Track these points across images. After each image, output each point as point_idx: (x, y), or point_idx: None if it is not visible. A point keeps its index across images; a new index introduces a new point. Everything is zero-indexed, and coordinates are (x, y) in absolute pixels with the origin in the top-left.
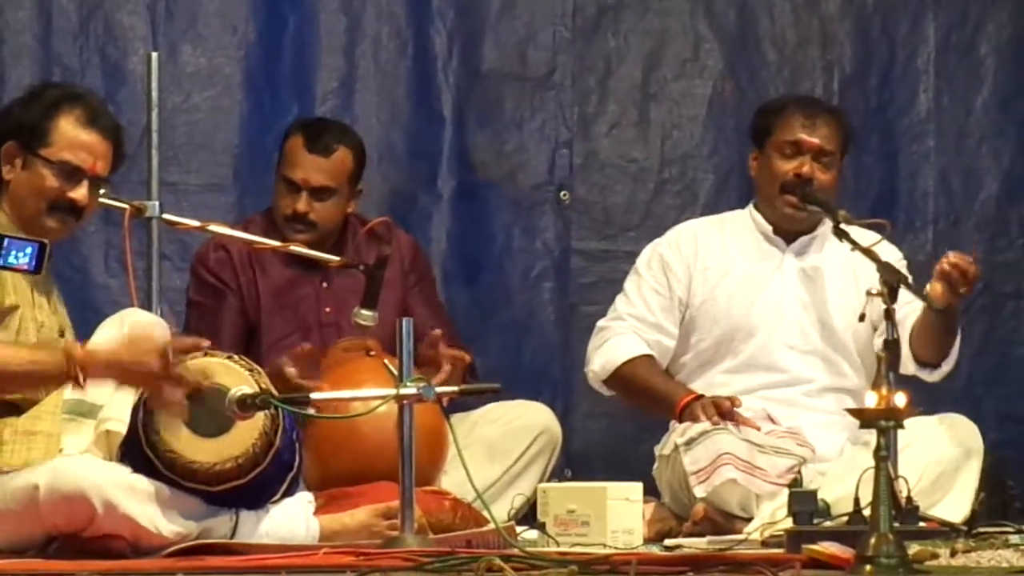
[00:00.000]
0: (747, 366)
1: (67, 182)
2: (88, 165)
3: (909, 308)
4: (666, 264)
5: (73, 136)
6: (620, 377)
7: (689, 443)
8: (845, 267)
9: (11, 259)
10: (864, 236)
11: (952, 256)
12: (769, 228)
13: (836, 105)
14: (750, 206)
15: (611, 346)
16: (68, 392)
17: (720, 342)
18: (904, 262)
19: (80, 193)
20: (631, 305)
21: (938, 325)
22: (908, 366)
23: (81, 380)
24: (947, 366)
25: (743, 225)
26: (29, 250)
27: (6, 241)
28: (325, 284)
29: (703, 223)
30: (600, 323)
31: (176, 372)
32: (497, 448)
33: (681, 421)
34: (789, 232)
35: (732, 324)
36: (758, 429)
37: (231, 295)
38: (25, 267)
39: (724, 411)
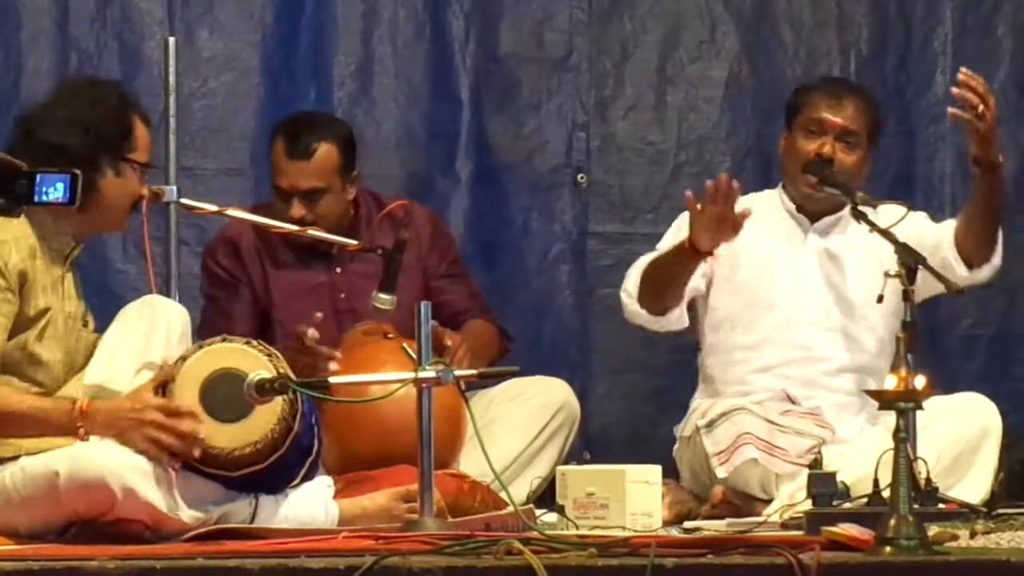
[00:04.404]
0: (767, 340)
1: (142, 180)
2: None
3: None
4: None
5: (143, 136)
6: (646, 280)
7: (710, 424)
8: (867, 249)
9: (44, 196)
10: (892, 214)
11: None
12: (794, 207)
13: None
14: (780, 185)
15: (632, 270)
16: (88, 378)
17: (742, 312)
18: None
19: (143, 188)
20: (656, 251)
21: (982, 207)
22: (957, 269)
23: (82, 434)
24: (996, 259)
25: (771, 203)
26: (61, 185)
27: (38, 177)
28: (338, 270)
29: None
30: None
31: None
32: (516, 425)
33: (692, 246)
34: (813, 212)
35: (754, 295)
36: (747, 215)
37: (243, 287)
38: (60, 200)
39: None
